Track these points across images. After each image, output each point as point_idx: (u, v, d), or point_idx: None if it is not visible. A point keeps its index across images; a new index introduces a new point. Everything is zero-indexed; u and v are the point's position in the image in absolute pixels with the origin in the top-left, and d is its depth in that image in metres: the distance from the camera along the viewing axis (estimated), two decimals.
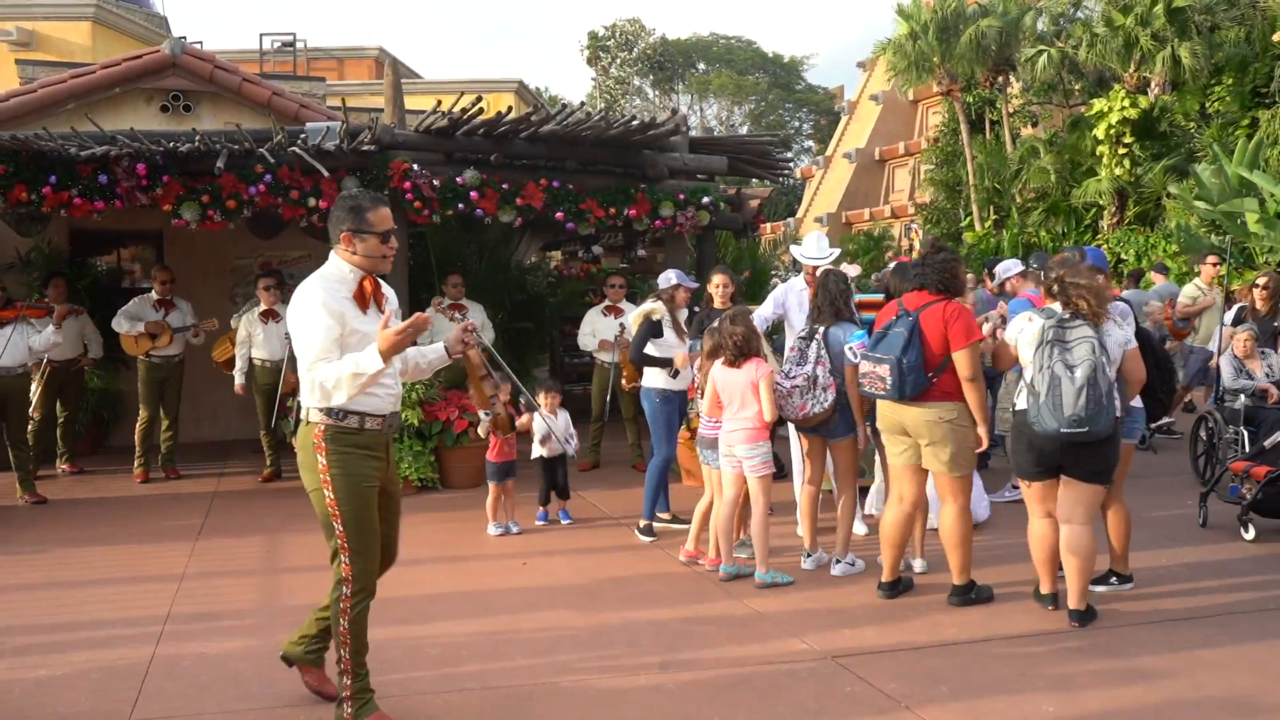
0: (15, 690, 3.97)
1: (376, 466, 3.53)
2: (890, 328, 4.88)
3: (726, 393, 5.37)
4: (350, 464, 3.44)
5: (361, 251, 3.48)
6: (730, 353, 5.31)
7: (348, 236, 3.47)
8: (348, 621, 3.49)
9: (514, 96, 20.08)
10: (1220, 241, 13.35)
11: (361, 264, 3.51)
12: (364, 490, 3.47)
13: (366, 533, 3.50)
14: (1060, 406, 4.42)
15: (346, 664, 3.51)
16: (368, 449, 3.50)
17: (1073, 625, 4.64)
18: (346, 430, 3.45)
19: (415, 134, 8.05)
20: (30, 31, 15.84)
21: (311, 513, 3.63)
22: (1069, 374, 4.44)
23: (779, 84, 47.38)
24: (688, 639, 4.52)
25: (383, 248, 3.51)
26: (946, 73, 22.16)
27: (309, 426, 3.49)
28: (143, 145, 7.20)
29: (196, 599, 5.18)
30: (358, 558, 3.48)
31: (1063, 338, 4.54)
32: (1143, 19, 18.49)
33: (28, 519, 7.14)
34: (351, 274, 3.51)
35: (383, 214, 3.50)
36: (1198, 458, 7.65)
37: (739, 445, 5.32)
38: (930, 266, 4.95)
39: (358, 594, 3.49)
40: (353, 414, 3.44)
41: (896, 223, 27.76)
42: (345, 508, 3.45)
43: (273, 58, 17.46)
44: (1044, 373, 4.52)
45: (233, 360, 8.61)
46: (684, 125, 9.19)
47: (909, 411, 4.85)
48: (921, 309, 4.85)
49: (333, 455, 3.43)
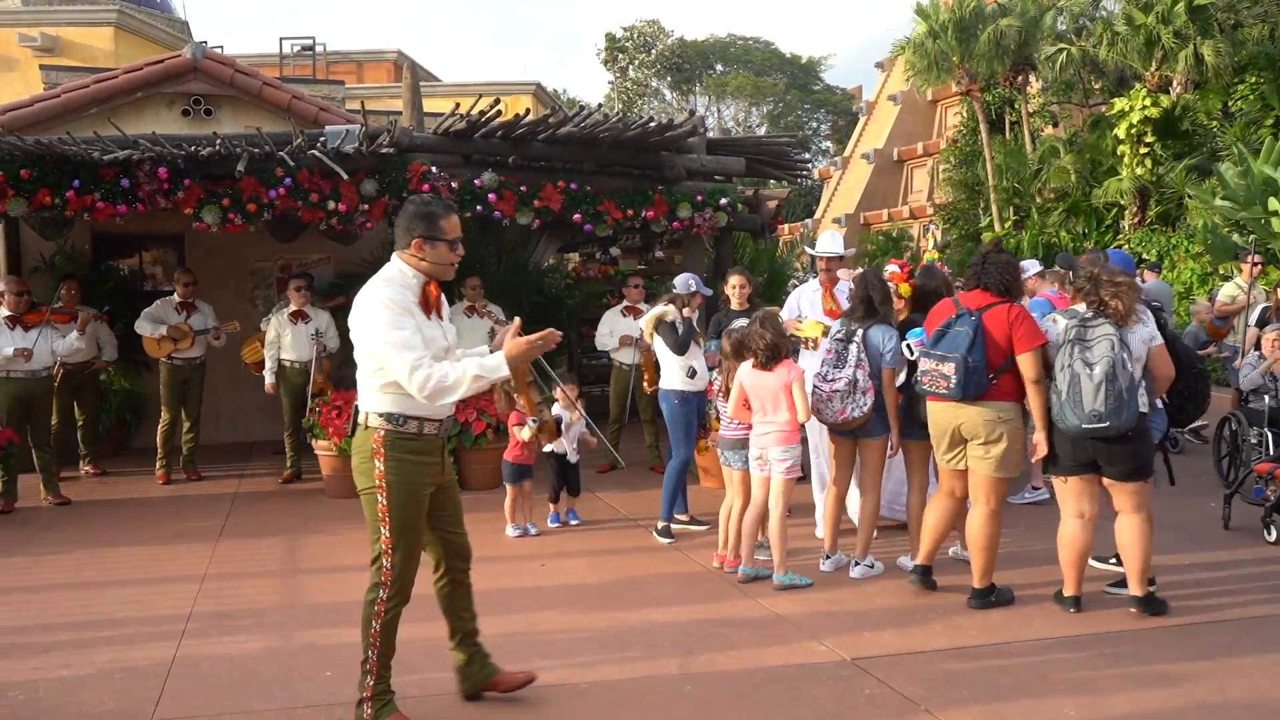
0: (40, 690, 4.01)
1: (432, 472, 3.57)
2: (950, 326, 4.87)
3: (757, 396, 5.32)
4: (407, 471, 3.47)
5: (431, 258, 3.52)
6: (762, 356, 5.26)
7: (419, 242, 3.49)
8: (380, 624, 3.51)
9: (532, 99, 20.13)
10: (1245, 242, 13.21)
11: (428, 269, 3.54)
12: (417, 498, 3.51)
13: (412, 541, 3.53)
14: (1080, 403, 4.50)
15: (372, 665, 3.53)
16: (424, 454, 3.52)
17: (1133, 611, 4.71)
18: (406, 436, 3.47)
19: (433, 136, 8.09)
20: (54, 37, 16.02)
21: (331, 514, 3.65)
22: (1088, 371, 4.51)
23: (797, 85, 47.29)
24: (706, 641, 4.51)
25: (451, 255, 3.55)
26: (965, 72, 22.05)
27: (368, 431, 3.50)
28: (164, 149, 7.27)
29: (218, 599, 5.21)
30: (399, 564, 3.50)
31: (1083, 336, 4.60)
32: (1164, 17, 18.32)
33: (51, 520, 7.21)
34: (415, 278, 3.53)
35: (454, 221, 3.54)
36: (1221, 459, 7.58)
37: (773, 448, 5.27)
38: (993, 266, 4.95)
39: (393, 599, 3.51)
40: (413, 419, 3.47)
41: (915, 223, 27.65)
42: (396, 514, 3.46)
43: (292, 62, 17.57)
44: (1065, 371, 4.60)
45: (261, 361, 8.69)
46: (701, 126, 9.20)
47: (967, 411, 4.84)
48: (984, 309, 4.86)
49: (390, 461, 3.45)
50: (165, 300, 8.59)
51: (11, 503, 7.42)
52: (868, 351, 5.35)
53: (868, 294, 5.48)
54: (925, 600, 5.06)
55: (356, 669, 3.52)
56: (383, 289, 3.44)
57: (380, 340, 3.38)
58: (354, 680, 4.02)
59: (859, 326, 5.43)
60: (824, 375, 5.42)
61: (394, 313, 3.39)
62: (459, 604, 3.78)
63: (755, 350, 5.27)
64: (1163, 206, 18.89)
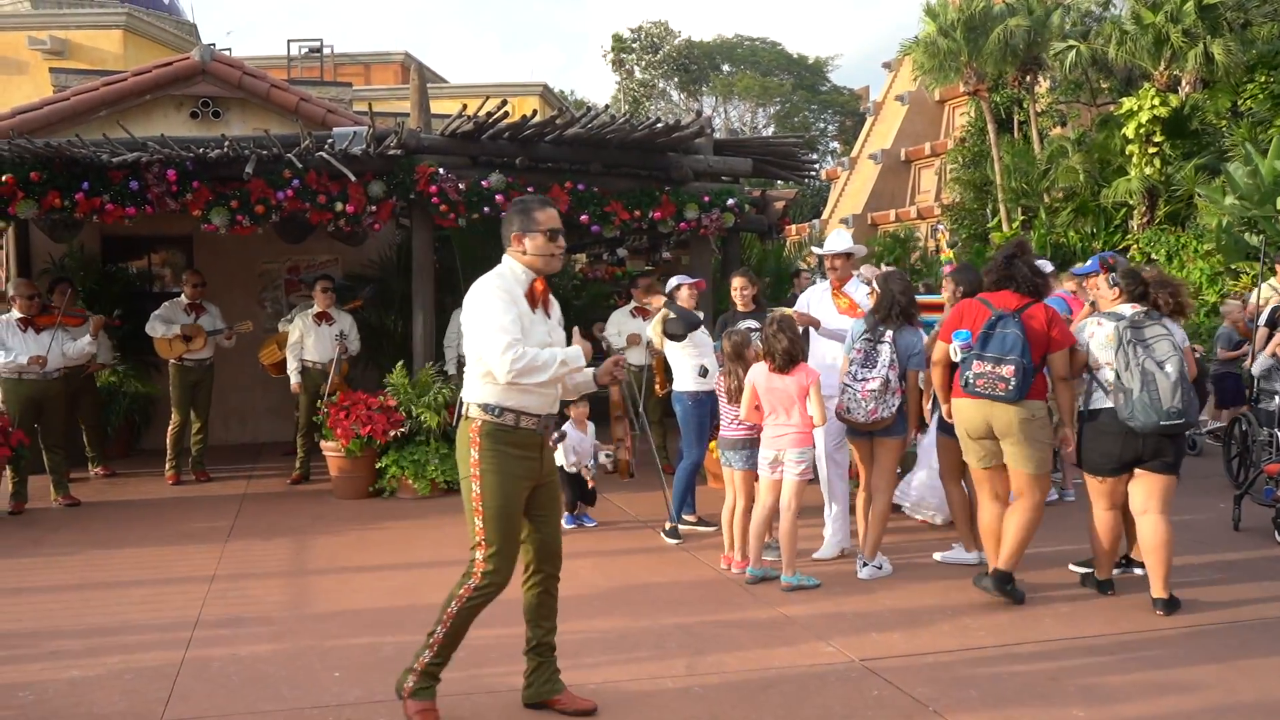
0: (50, 690, 4.03)
1: (529, 466, 3.60)
2: (995, 328, 4.88)
3: (771, 399, 5.33)
4: (502, 461, 3.53)
5: (530, 250, 3.62)
6: (779, 359, 5.27)
7: (518, 236, 3.63)
8: (458, 606, 3.55)
9: (539, 100, 20.15)
10: (1256, 241, 13.15)
11: (532, 263, 3.63)
12: (512, 488, 3.54)
13: (507, 530, 3.55)
14: (1158, 400, 4.65)
15: (436, 640, 3.58)
16: (521, 447, 3.57)
17: (1158, 613, 4.77)
18: (503, 427, 3.54)
19: (441, 138, 8.09)
20: (63, 40, 16.09)
21: (340, 515, 3.67)
22: (1161, 370, 4.68)
23: (804, 85, 47.19)
24: (714, 641, 4.51)
25: (550, 245, 3.63)
26: (974, 72, 21.99)
27: (467, 421, 3.60)
28: (173, 151, 7.29)
29: (226, 601, 5.22)
30: (494, 554, 3.53)
31: (1141, 337, 4.79)
32: (1173, 16, 18.25)
33: (61, 521, 7.24)
34: (524, 274, 3.65)
35: (549, 213, 3.65)
36: (1231, 460, 7.55)
37: (789, 449, 5.28)
38: (1024, 267, 5.01)
39: (480, 589, 3.54)
40: (510, 411, 3.54)
41: (922, 224, 27.58)
42: (490, 502, 3.51)
43: (300, 64, 17.63)
44: (1133, 370, 4.72)
45: (279, 363, 8.74)
46: (708, 127, 9.18)
47: (1007, 411, 4.87)
48: (1021, 310, 4.90)
49: (486, 450, 3.52)
50: (174, 301, 8.62)
51: (22, 504, 7.45)
52: (898, 352, 5.38)
53: (891, 294, 5.50)
54: (933, 602, 5.05)
55: (364, 670, 3.52)
56: (492, 280, 3.60)
57: (481, 326, 3.52)
58: (361, 681, 4.03)
59: (889, 327, 5.44)
60: (854, 375, 5.43)
61: (499, 301, 3.52)
62: (541, 612, 3.76)
63: (772, 353, 5.28)
64: (1171, 206, 18.81)
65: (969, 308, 5.08)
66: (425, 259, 8.39)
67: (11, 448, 7.25)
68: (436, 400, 7.76)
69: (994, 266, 5.12)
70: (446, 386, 7.92)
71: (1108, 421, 4.86)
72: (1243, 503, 6.48)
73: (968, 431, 5.04)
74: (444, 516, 7.09)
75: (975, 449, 5.05)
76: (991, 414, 4.89)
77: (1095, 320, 5.01)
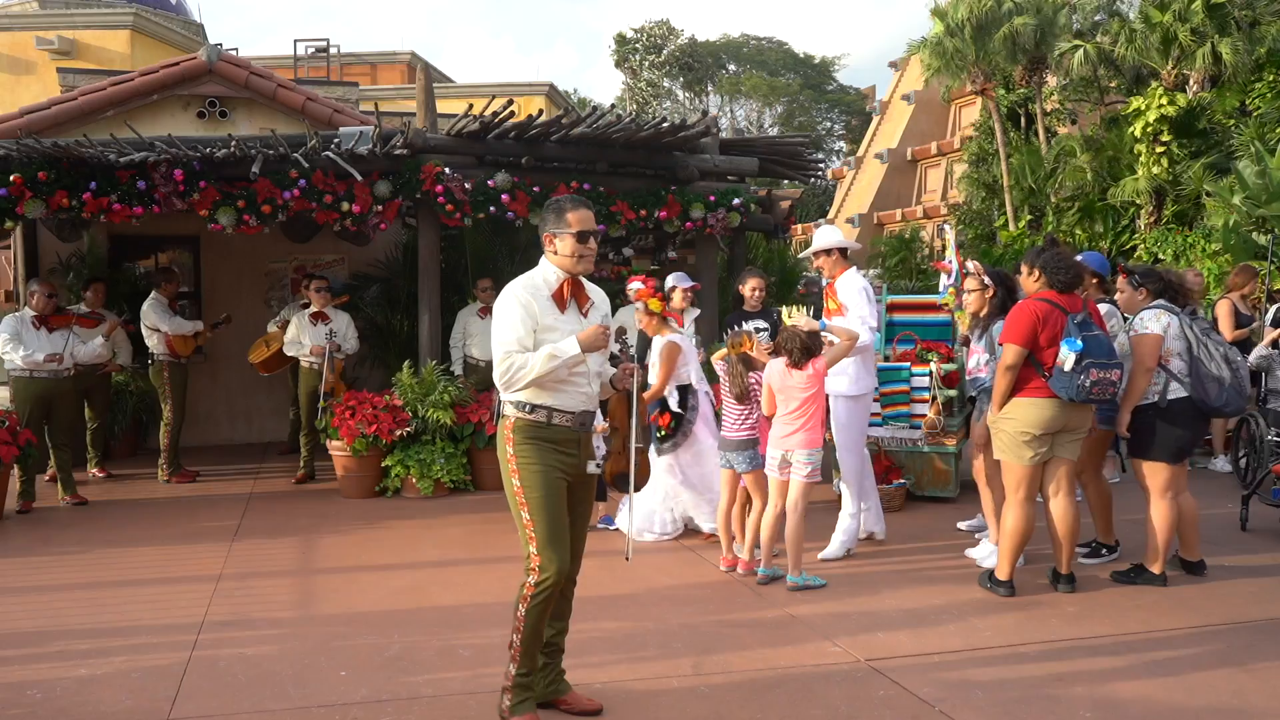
0: (57, 689, 4.04)
1: (566, 461, 3.60)
2: (1085, 330, 4.88)
3: (786, 394, 5.31)
4: (538, 453, 3.55)
5: (560, 251, 3.62)
6: (796, 354, 5.26)
7: (549, 237, 3.64)
8: (525, 609, 3.53)
9: (545, 99, 20.16)
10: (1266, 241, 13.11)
11: (562, 264, 3.63)
12: (551, 479, 3.55)
13: (554, 521, 3.54)
14: (1244, 386, 5.09)
15: (516, 650, 3.57)
16: (556, 443, 3.58)
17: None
18: (535, 424, 3.57)
19: (447, 138, 8.10)
20: (71, 40, 16.15)
21: (346, 514, 3.68)
22: (1240, 360, 5.08)
23: (810, 85, 47.15)
24: (720, 641, 4.51)
25: (580, 247, 3.61)
26: (981, 71, 21.95)
27: (503, 420, 3.63)
28: (180, 151, 7.31)
29: (233, 600, 5.24)
30: (545, 546, 3.52)
31: (1205, 330, 5.12)
32: (1181, 15, 18.20)
33: (69, 519, 7.26)
34: (555, 275, 3.64)
35: (581, 215, 3.62)
36: (1239, 460, 7.53)
37: (797, 451, 5.29)
38: (1076, 265, 5.11)
39: (540, 585, 3.51)
40: (541, 408, 3.56)
41: (929, 223, 27.53)
42: (531, 494, 3.53)
43: (306, 63, 17.66)
44: (1218, 360, 5.03)
45: (268, 361, 8.86)
46: (714, 127, 9.18)
47: (1082, 408, 5.01)
48: (1087, 310, 5.05)
49: (520, 446, 3.56)
50: (155, 301, 8.51)
51: (30, 503, 7.48)
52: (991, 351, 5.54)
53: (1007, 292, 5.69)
54: (939, 602, 5.04)
55: (370, 669, 3.52)
56: (514, 287, 3.62)
57: (494, 334, 3.58)
58: (368, 680, 4.04)
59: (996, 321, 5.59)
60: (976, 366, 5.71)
61: (511, 310, 3.56)
62: (554, 612, 3.72)
63: (789, 349, 5.29)
64: (1179, 205, 18.75)
65: (1039, 310, 4.95)
66: (431, 258, 8.40)
67: (19, 446, 7.28)
68: (442, 399, 7.77)
69: (1065, 266, 5.04)
70: (452, 385, 7.92)
71: (1182, 410, 5.10)
72: (1250, 503, 6.46)
73: (1040, 430, 4.97)
74: (449, 516, 7.10)
75: (1037, 445, 5.01)
76: (1072, 412, 4.99)
77: (1154, 314, 5.19)
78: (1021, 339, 4.92)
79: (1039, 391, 4.95)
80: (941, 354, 7.35)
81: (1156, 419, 5.16)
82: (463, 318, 8.86)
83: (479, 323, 8.75)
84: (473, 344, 8.75)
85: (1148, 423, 5.18)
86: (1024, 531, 5.09)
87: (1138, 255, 17.53)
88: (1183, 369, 5.10)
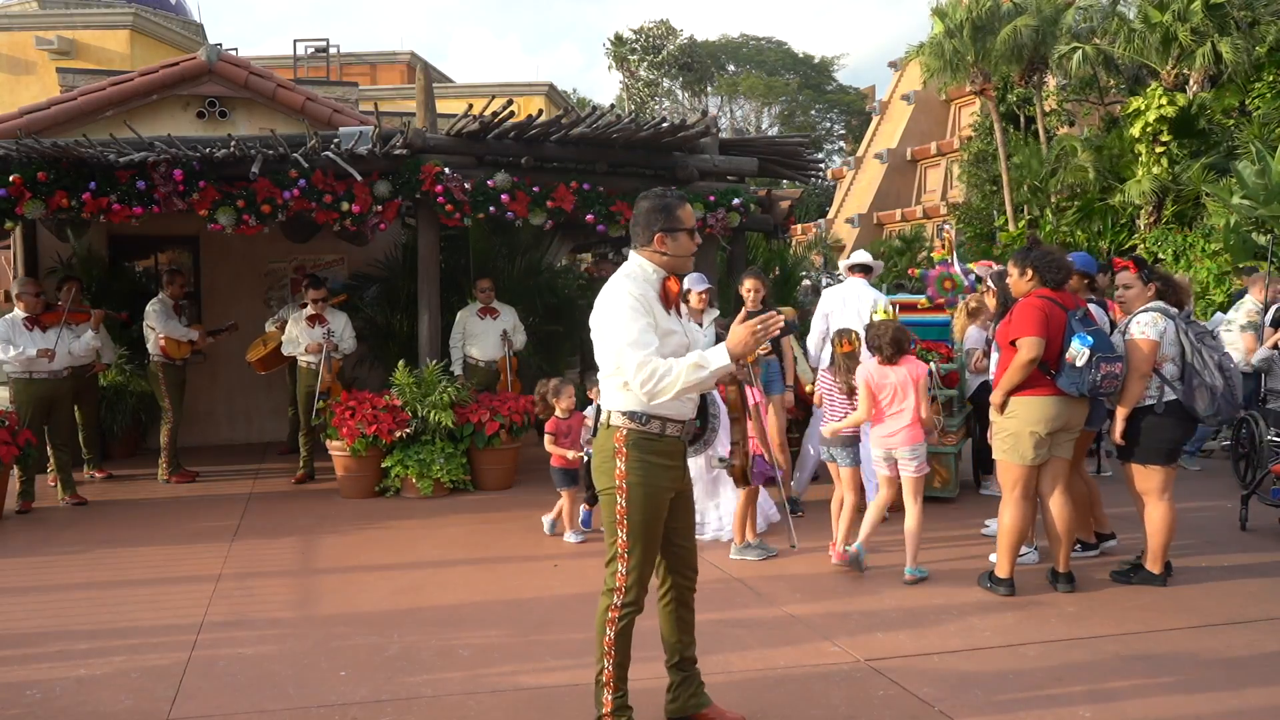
0: (57, 689, 4.04)
1: (674, 476, 3.45)
2: (1089, 325, 4.93)
3: (884, 392, 5.42)
4: (649, 473, 3.36)
5: (672, 250, 3.41)
6: (887, 351, 5.36)
7: (661, 236, 3.39)
8: (614, 633, 3.42)
9: (544, 100, 20.17)
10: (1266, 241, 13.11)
11: (668, 263, 3.43)
12: (658, 501, 3.40)
13: (649, 545, 3.42)
14: (1235, 395, 5.01)
15: (608, 676, 3.43)
16: (666, 456, 3.41)
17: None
18: (649, 436, 3.37)
19: (447, 138, 8.10)
20: (70, 40, 16.15)
21: (346, 514, 3.65)
22: (1233, 366, 5.03)
23: (809, 85, 47.18)
24: (719, 641, 4.51)
25: (691, 244, 3.45)
26: (981, 72, 21.96)
27: (610, 430, 3.40)
28: (179, 151, 7.31)
29: (232, 600, 5.23)
30: (635, 569, 3.40)
31: (1198, 332, 5.05)
32: (1181, 14, 18.21)
33: (68, 520, 7.26)
34: (655, 274, 3.43)
35: (689, 210, 3.46)
36: (1238, 460, 7.53)
37: (901, 448, 5.37)
38: (1068, 262, 5.14)
39: (627, 605, 3.41)
40: (655, 419, 3.36)
41: (928, 223, 27.54)
42: (635, 516, 3.36)
43: (306, 64, 17.65)
44: (1210, 370, 4.97)
45: (265, 359, 8.89)
46: (714, 127, 9.17)
47: (1080, 405, 5.02)
48: (1082, 308, 5.05)
49: (632, 462, 3.36)
50: (160, 302, 8.51)
51: (29, 503, 7.47)
52: None
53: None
54: (939, 602, 5.04)
55: (370, 669, 3.52)
56: (626, 284, 3.36)
57: (617, 337, 3.29)
58: (367, 680, 4.04)
59: None
60: None
61: (629, 310, 3.30)
62: (681, 626, 3.65)
63: (879, 346, 5.39)
64: (1179, 206, 18.76)
65: (1044, 308, 4.95)
66: (431, 258, 8.40)
67: (19, 446, 7.27)
68: (442, 399, 7.77)
69: (1058, 263, 5.05)
70: (452, 386, 7.92)
71: (1175, 412, 5.06)
72: (1250, 503, 6.46)
73: (1047, 428, 4.98)
74: (449, 515, 7.10)
75: (1043, 444, 5.02)
76: (1075, 409, 5.01)
77: (1151, 319, 5.07)
78: (1040, 330, 4.89)
79: (1045, 389, 4.95)
80: (941, 354, 7.35)
81: (1151, 423, 5.11)
82: (462, 318, 8.86)
83: (479, 323, 8.75)
84: (473, 344, 8.75)
85: (1141, 427, 5.13)
86: (1022, 530, 5.14)
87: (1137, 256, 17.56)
88: (1175, 374, 5.06)
